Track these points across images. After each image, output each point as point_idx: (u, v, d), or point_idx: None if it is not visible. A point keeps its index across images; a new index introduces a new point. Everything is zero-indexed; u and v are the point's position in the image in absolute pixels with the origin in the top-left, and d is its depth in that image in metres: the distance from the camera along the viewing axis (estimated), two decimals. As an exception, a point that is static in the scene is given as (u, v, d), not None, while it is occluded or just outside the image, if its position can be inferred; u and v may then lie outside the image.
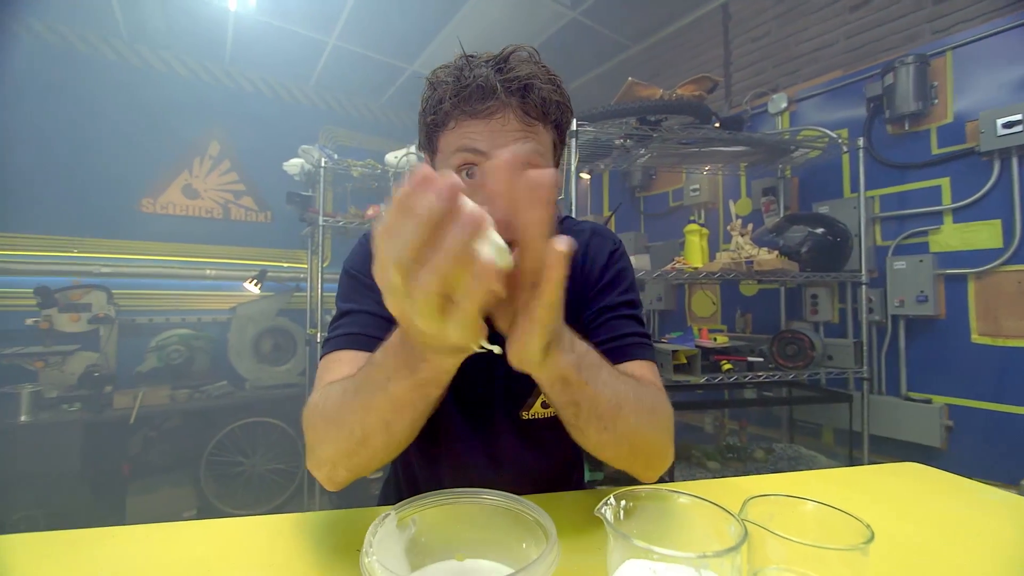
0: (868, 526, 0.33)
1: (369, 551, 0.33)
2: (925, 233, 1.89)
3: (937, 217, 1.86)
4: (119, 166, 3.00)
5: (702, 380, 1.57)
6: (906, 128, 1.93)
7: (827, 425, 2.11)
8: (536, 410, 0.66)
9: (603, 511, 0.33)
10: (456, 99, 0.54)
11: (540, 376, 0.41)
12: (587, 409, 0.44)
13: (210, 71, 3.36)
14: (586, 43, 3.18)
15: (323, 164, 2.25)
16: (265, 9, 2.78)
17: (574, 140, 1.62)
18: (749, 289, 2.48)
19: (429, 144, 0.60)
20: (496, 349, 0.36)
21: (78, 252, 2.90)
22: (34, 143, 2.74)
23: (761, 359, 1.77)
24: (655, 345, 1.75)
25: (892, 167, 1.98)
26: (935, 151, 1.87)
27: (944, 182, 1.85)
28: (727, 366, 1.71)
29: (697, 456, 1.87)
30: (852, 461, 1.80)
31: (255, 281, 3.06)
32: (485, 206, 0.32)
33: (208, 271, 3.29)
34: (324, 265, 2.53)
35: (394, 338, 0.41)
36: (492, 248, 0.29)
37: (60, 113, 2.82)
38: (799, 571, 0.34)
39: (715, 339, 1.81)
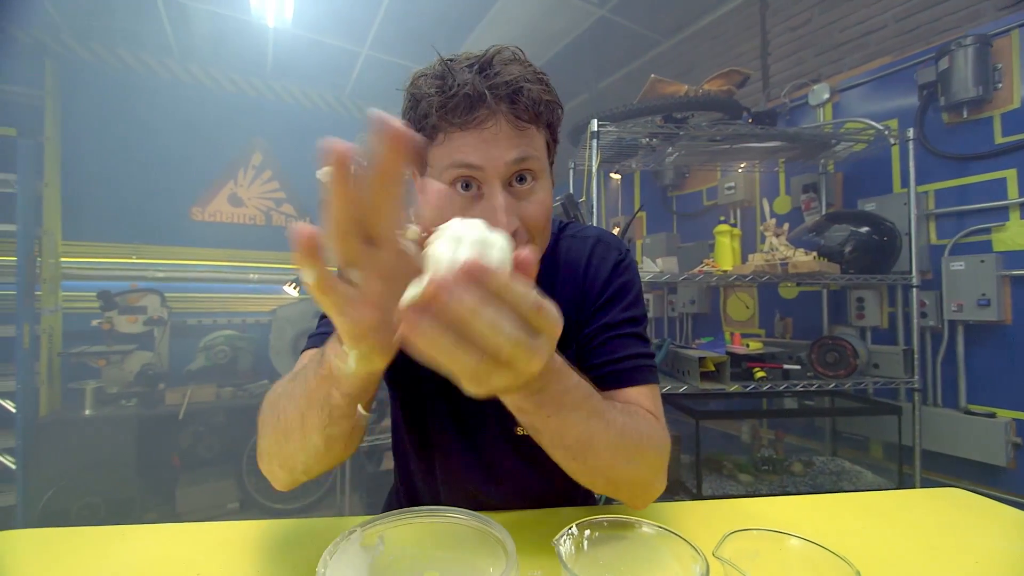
0: (857, 571, 0.30)
1: (324, 570, 0.33)
2: (988, 230, 1.72)
3: (1002, 213, 1.70)
4: (172, 177, 3.22)
5: (731, 388, 1.50)
6: (964, 116, 1.77)
7: (875, 438, 1.96)
8: None
9: (560, 542, 0.31)
10: (442, 111, 0.50)
11: (501, 398, 0.40)
12: (549, 437, 0.43)
13: (253, 85, 3.54)
14: (615, 40, 3.11)
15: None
16: (301, 23, 2.89)
17: (595, 141, 1.59)
18: (789, 292, 2.35)
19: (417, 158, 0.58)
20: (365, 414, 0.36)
21: (136, 258, 3.13)
22: (98, 159, 2.97)
23: (798, 367, 1.67)
24: (683, 352, 1.69)
25: (949, 159, 1.82)
26: (999, 140, 1.71)
27: (1010, 174, 1.68)
28: (760, 374, 1.62)
29: (729, 468, 1.78)
30: (902, 478, 1.67)
31: (294, 285, 3.19)
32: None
33: (252, 275, 3.47)
34: (356, 269, 2.60)
35: (330, 339, 0.40)
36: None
37: (120, 130, 3.05)
38: (779, 615, 0.31)
39: (748, 345, 1.72)
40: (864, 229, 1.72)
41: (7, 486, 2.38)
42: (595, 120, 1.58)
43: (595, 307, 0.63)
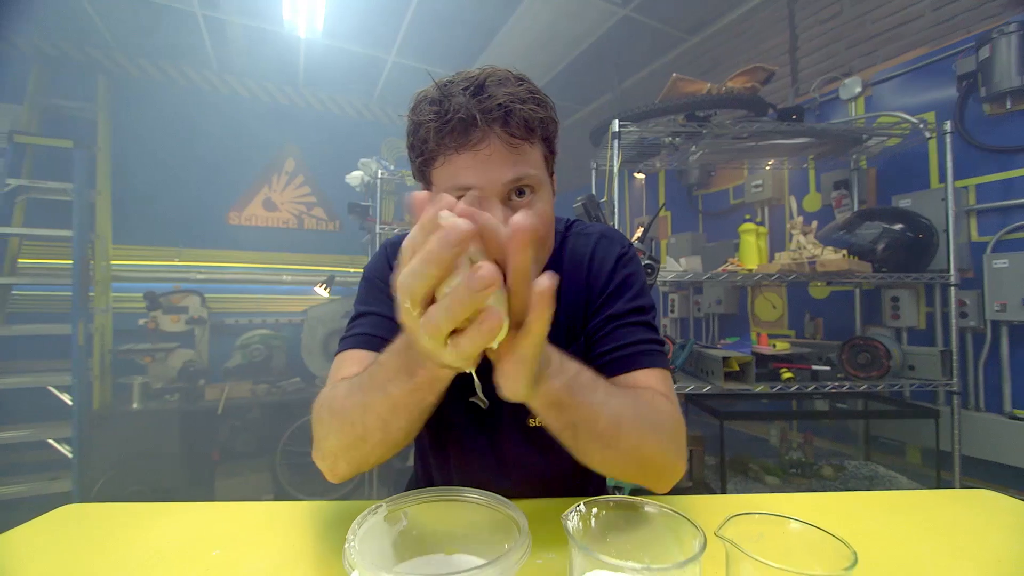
0: (854, 551, 0.31)
1: (352, 540, 0.36)
2: (1034, 226, 1.64)
3: (1049, 207, 1.61)
4: (211, 184, 3.38)
5: (756, 389, 1.48)
6: (1008, 107, 1.69)
7: (912, 443, 1.89)
8: None
9: (568, 517, 0.34)
10: (439, 135, 0.53)
11: (534, 404, 0.42)
12: (585, 430, 0.45)
13: (286, 93, 3.68)
14: (639, 40, 3.10)
15: (380, 175, 2.38)
16: (331, 33, 3.00)
17: (616, 141, 1.60)
18: (819, 292, 2.29)
19: (422, 178, 0.60)
20: (483, 403, 0.37)
21: (178, 261, 3.30)
22: (144, 167, 3.16)
23: (828, 368, 1.63)
24: (708, 352, 1.67)
25: (992, 152, 1.75)
26: (1046, 131, 1.63)
27: (1058, 167, 1.60)
28: (787, 375, 1.59)
29: (755, 470, 1.75)
30: (940, 484, 1.60)
31: (324, 286, 3.29)
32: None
33: (285, 277, 3.61)
34: (383, 270, 2.68)
35: (399, 342, 0.43)
36: (501, 302, 0.31)
37: (164, 140, 3.24)
38: (778, 594, 0.32)
39: (774, 345, 1.69)
40: (898, 226, 1.66)
41: (64, 472, 2.56)
42: (616, 120, 1.59)
43: (600, 299, 0.64)
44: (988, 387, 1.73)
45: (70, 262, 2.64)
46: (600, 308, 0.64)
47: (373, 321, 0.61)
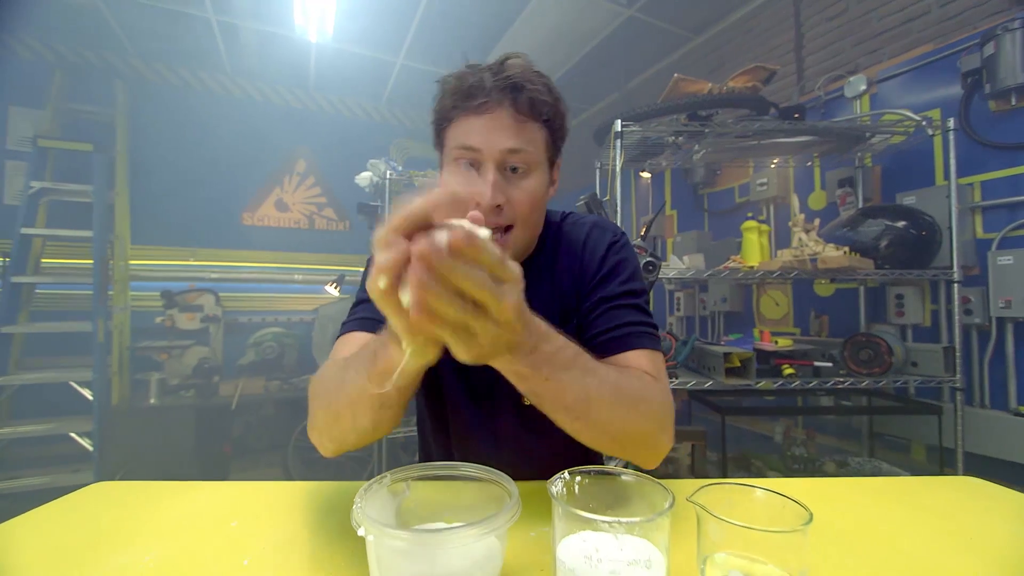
0: (809, 512, 0.34)
1: (360, 502, 0.40)
2: (1039, 223, 1.64)
3: (1055, 204, 1.61)
4: (225, 185, 3.47)
5: (757, 385, 1.50)
6: (1013, 103, 1.69)
7: (917, 440, 1.89)
8: None
9: (553, 483, 0.37)
10: (456, 97, 0.59)
11: (500, 369, 0.44)
12: (551, 400, 0.47)
13: (297, 96, 3.76)
14: (645, 40, 3.12)
15: (388, 176, 2.43)
16: (341, 37, 3.06)
17: (619, 141, 1.63)
18: (824, 289, 2.29)
19: (438, 140, 0.65)
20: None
21: (193, 260, 3.39)
22: (161, 169, 3.25)
23: (830, 364, 1.64)
24: (709, 348, 1.69)
25: (997, 148, 1.74)
26: (1052, 128, 1.62)
27: (1064, 163, 1.60)
28: (789, 371, 1.61)
29: (757, 466, 1.77)
30: (943, 480, 1.61)
31: (335, 284, 3.36)
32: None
33: (296, 276, 3.68)
34: (391, 269, 2.73)
35: (377, 337, 0.45)
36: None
37: (180, 143, 3.32)
38: (743, 555, 0.36)
39: (776, 342, 1.71)
40: (900, 223, 1.67)
41: (86, 465, 2.64)
42: (618, 120, 1.62)
43: (593, 283, 0.67)
44: (993, 384, 1.73)
45: (90, 262, 2.73)
46: (592, 291, 0.66)
47: (372, 306, 0.65)
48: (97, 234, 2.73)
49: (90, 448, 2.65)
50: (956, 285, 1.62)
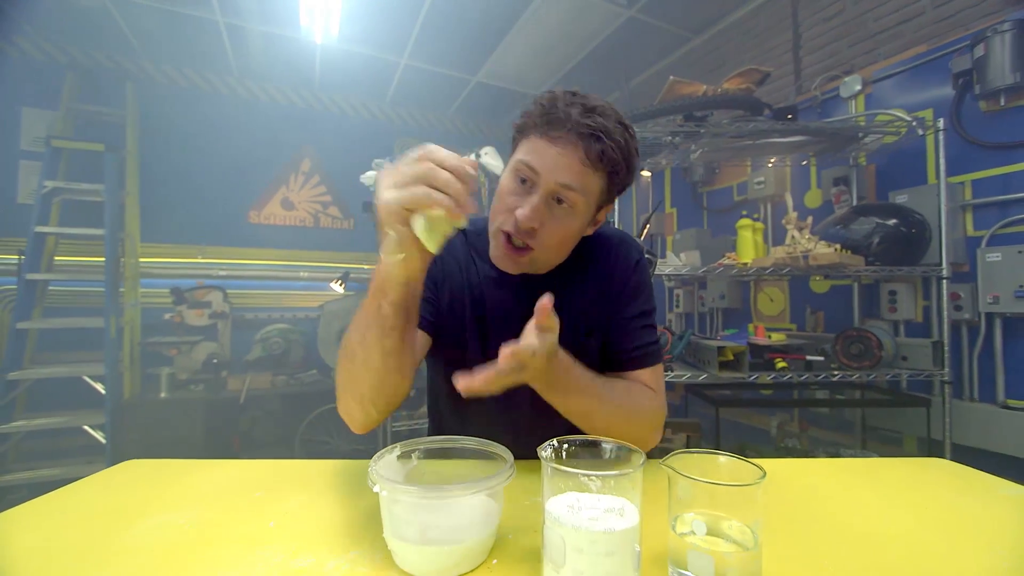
0: (763, 471, 0.40)
1: (375, 464, 0.46)
2: (1027, 221, 1.68)
3: (1042, 202, 1.65)
4: (232, 184, 3.53)
5: (749, 378, 1.55)
6: (1002, 104, 1.73)
7: (909, 433, 1.94)
8: None
9: (543, 449, 0.43)
10: (540, 117, 0.63)
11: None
12: (561, 409, 0.63)
13: (302, 97, 3.82)
14: (645, 40, 3.16)
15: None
16: (346, 38, 3.11)
17: (617, 141, 1.67)
18: (819, 286, 2.34)
19: (513, 144, 0.70)
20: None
21: (201, 258, 3.46)
22: (169, 169, 3.32)
23: (822, 358, 1.69)
24: (704, 342, 1.75)
25: (987, 148, 1.78)
26: (1039, 127, 1.66)
27: (1052, 162, 1.64)
28: (781, 364, 1.66)
29: (751, 457, 1.82)
30: (932, 471, 1.65)
31: (340, 282, 3.42)
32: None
33: (302, 273, 3.75)
34: (395, 266, 2.79)
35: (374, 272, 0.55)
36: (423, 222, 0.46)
37: (188, 143, 3.39)
38: (707, 512, 0.41)
39: (770, 336, 1.76)
40: (891, 221, 1.71)
41: (99, 457, 2.72)
42: (616, 121, 1.66)
43: (619, 300, 0.75)
44: (982, 378, 1.77)
45: (102, 259, 2.80)
46: (618, 308, 0.75)
47: None
48: (109, 232, 2.80)
49: (103, 440, 2.73)
50: (945, 281, 1.67)
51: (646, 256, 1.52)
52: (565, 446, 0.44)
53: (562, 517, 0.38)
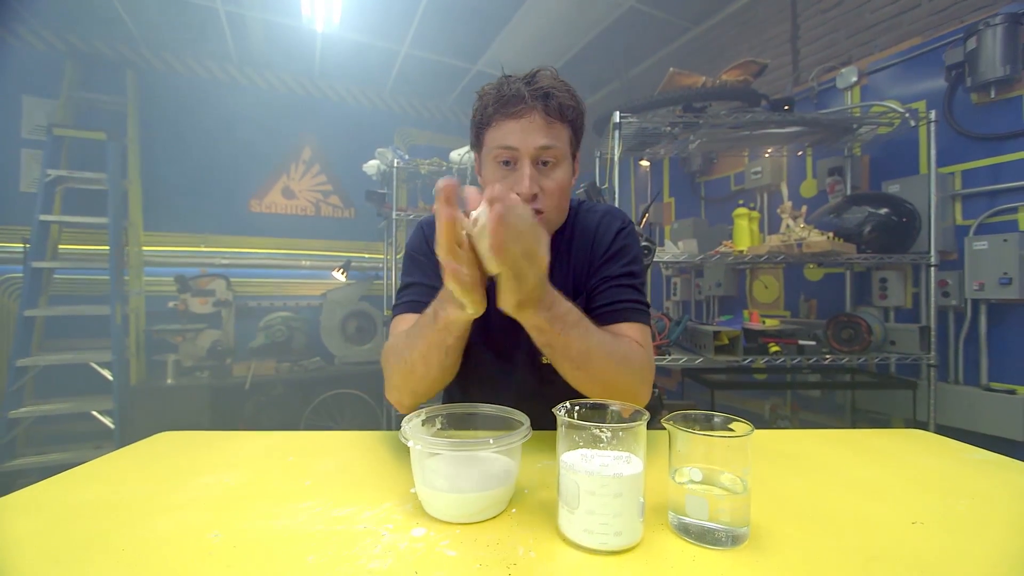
0: (752, 426, 0.45)
1: (407, 424, 0.51)
2: (1014, 210, 1.74)
3: (1028, 192, 1.71)
4: (233, 172, 3.55)
5: (744, 361, 1.61)
6: (992, 96, 1.77)
7: (895, 415, 2.01)
8: None
9: (558, 410, 0.48)
10: (496, 104, 0.70)
11: (523, 323, 0.58)
12: (559, 351, 0.60)
13: (302, 85, 3.82)
14: (645, 30, 3.17)
15: (395, 164, 2.52)
16: (347, 26, 3.11)
17: (617, 132, 1.72)
18: (813, 274, 2.40)
19: (477, 142, 0.76)
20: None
21: (204, 247, 3.48)
22: (171, 157, 3.33)
23: (813, 343, 1.75)
24: (701, 327, 1.80)
25: (977, 139, 1.83)
26: (1028, 119, 1.71)
27: (1038, 153, 1.69)
28: (775, 348, 1.72)
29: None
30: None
31: (342, 270, 3.46)
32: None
33: (304, 262, 3.78)
34: (398, 256, 2.84)
35: (436, 302, 0.61)
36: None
37: (188, 131, 3.40)
38: (702, 465, 0.47)
39: (764, 322, 1.82)
40: (883, 210, 1.77)
41: (106, 443, 2.78)
42: (617, 112, 1.70)
43: (600, 262, 0.79)
44: (967, 362, 1.84)
45: (106, 248, 2.83)
46: (599, 269, 0.78)
47: (417, 289, 0.78)
48: (112, 221, 2.82)
49: (111, 425, 2.78)
50: (933, 269, 1.73)
51: (644, 243, 1.57)
52: (577, 408, 0.50)
53: (576, 465, 0.43)
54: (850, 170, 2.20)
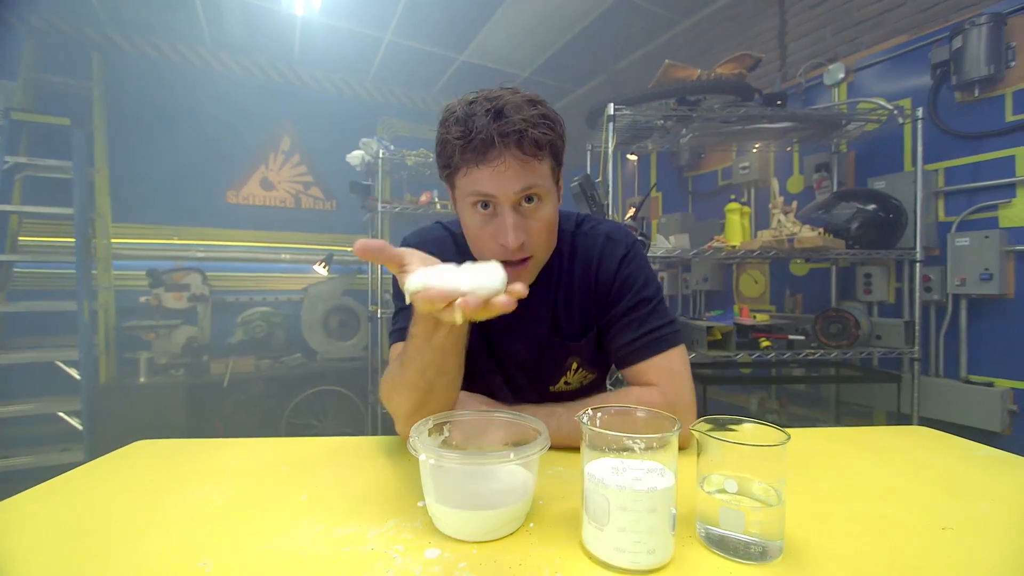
0: (787, 434, 0.43)
1: (415, 436, 0.47)
2: (994, 207, 1.78)
3: (1009, 190, 1.74)
4: (208, 162, 3.40)
5: (735, 356, 1.61)
6: (976, 95, 1.80)
7: (878, 408, 2.06)
8: (560, 386, 0.81)
9: (581, 417, 0.45)
10: (464, 152, 0.62)
11: None
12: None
13: (281, 72, 3.68)
14: (633, 21, 3.14)
15: (380, 155, 2.44)
16: (328, 11, 3.00)
17: (611, 124, 1.69)
18: (799, 269, 2.43)
19: (448, 181, 0.69)
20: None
21: (178, 239, 3.34)
22: (141, 145, 3.17)
23: (803, 337, 1.77)
24: (693, 322, 1.80)
25: (960, 137, 1.87)
26: (1010, 118, 1.74)
27: (1019, 151, 1.72)
28: (765, 343, 1.73)
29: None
30: (900, 442, 1.77)
31: (323, 264, 3.37)
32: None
33: (284, 255, 3.66)
34: (383, 248, 2.76)
35: (419, 318, 0.56)
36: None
37: (161, 119, 3.24)
38: (734, 474, 0.44)
39: (755, 317, 1.83)
40: (871, 206, 1.78)
41: (75, 444, 2.64)
42: (611, 104, 1.67)
43: (608, 299, 0.75)
44: (948, 355, 1.89)
45: (71, 240, 2.68)
46: (609, 306, 0.74)
47: (407, 315, 0.72)
48: (78, 211, 2.67)
49: (79, 427, 2.65)
50: (918, 264, 1.75)
51: (639, 238, 1.55)
52: (599, 414, 0.47)
53: (606, 478, 0.40)
54: (836, 166, 2.23)
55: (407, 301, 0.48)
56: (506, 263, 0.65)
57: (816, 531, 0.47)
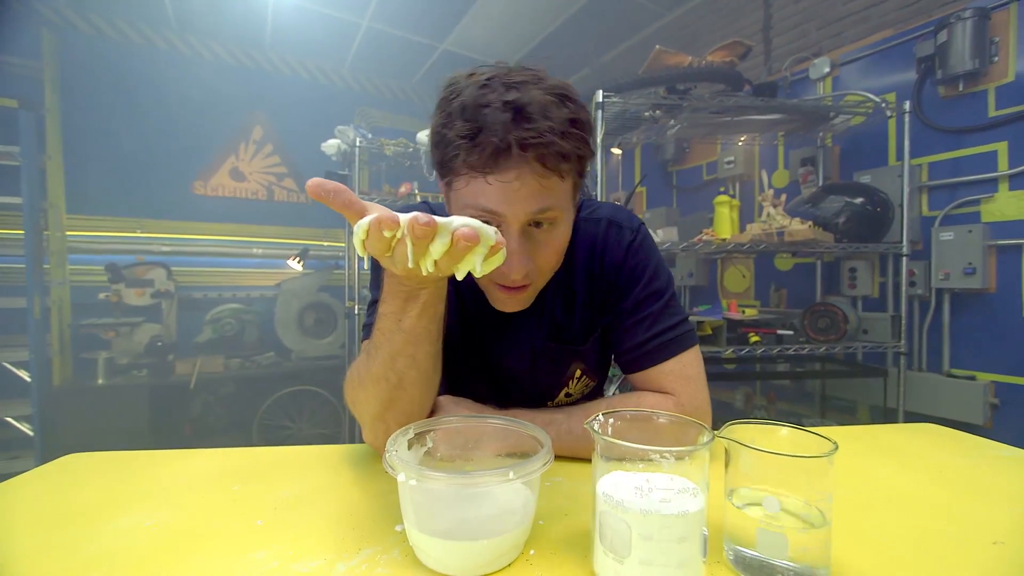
0: (835, 443, 0.36)
1: (393, 450, 0.39)
2: (977, 202, 1.78)
3: (991, 184, 1.75)
4: (174, 151, 3.21)
5: (727, 351, 1.57)
6: (960, 89, 1.81)
7: (862, 402, 2.06)
8: (560, 399, 0.73)
9: (592, 424, 0.38)
10: (470, 155, 0.49)
11: None
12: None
13: (252, 57, 3.50)
14: (617, 13, 3.09)
15: (358, 144, 2.33)
16: (301, -7, 2.86)
17: (600, 112, 1.62)
18: (784, 263, 2.42)
19: (443, 178, 0.56)
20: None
21: (140, 232, 3.15)
22: (99, 131, 2.97)
23: (791, 332, 1.74)
24: (681, 318, 1.75)
25: (944, 132, 1.87)
26: (992, 113, 1.75)
27: (1001, 147, 1.73)
28: (755, 338, 1.69)
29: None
30: (886, 437, 1.76)
31: (298, 259, 3.22)
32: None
33: (255, 250, 3.49)
34: (360, 242, 2.64)
35: (387, 293, 0.49)
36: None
37: (121, 104, 3.04)
38: (767, 489, 0.38)
39: (743, 312, 1.79)
40: (858, 200, 1.77)
41: (26, 452, 2.46)
42: (600, 91, 1.61)
43: (615, 294, 0.65)
44: (931, 349, 1.89)
45: (20, 232, 2.49)
46: (616, 302, 0.65)
47: None
48: (27, 201, 2.48)
49: (30, 433, 2.47)
50: (904, 258, 1.75)
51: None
52: (612, 420, 0.40)
53: (626, 501, 0.33)
54: (822, 161, 2.22)
55: (361, 253, 0.41)
56: (504, 290, 0.57)
57: (860, 553, 0.41)
